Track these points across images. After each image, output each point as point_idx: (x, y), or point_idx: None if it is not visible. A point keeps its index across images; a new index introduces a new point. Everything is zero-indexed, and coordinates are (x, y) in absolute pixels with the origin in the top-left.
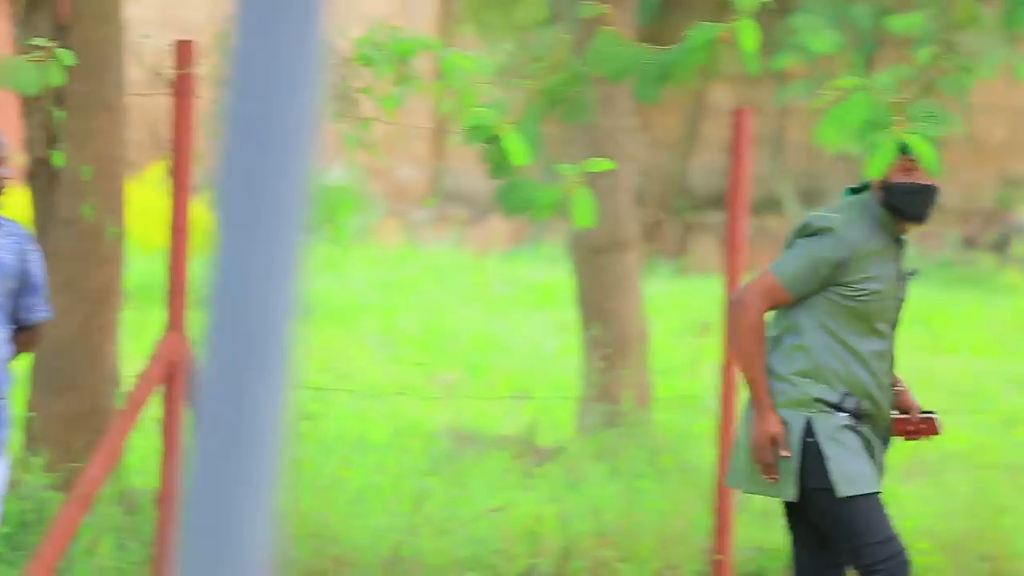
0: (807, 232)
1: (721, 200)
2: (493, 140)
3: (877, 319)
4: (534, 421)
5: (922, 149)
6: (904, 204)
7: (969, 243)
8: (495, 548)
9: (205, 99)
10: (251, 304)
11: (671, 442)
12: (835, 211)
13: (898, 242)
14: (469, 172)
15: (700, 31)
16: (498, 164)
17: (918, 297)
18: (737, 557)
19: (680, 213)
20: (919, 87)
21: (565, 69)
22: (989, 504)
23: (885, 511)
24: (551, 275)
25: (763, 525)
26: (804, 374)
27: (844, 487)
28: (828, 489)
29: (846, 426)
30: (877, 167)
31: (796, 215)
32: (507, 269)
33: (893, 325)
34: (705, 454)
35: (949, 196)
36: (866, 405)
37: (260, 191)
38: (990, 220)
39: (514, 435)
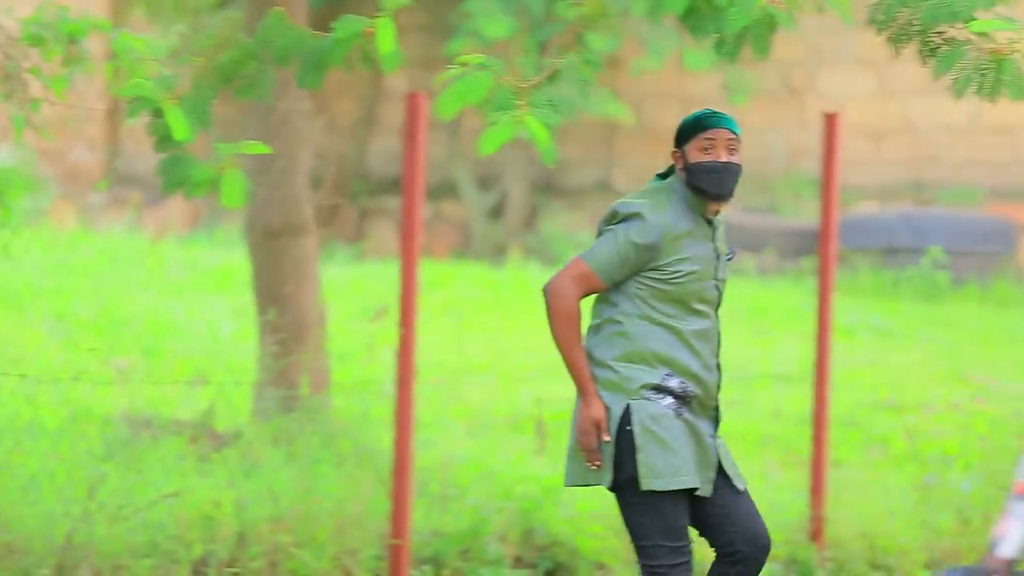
0: (615, 220)
1: (398, 184)
2: (158, 114)
3: (695, 299)
4: (211, 406)
5: (539, 133)
6: (706, 183)
7: None
8: (171, 534)
9: None
10: None
11: (349, 427)
12: (641, 197)
13: (710, 223)
14: (144, 155)
15: (345, 24)
16: (163, 138)
17: None
18: (414, 541)
19: (357, 197)
20: (545, 75)
21: (235, 47)
22: None
23: (685, 516)
24: (228, 259)
25: (440, 509)
26: (625, 359)
27: (648, 480)
28: (635, 480)
29: (668, 414)
30: (490, 144)
31: (472, 200)
32: (184, 253)
33: (715, 305)
34: (382, 438)
35: (622, 181)
36: (691, 386)
37: None
38: None
39: (191, 420)
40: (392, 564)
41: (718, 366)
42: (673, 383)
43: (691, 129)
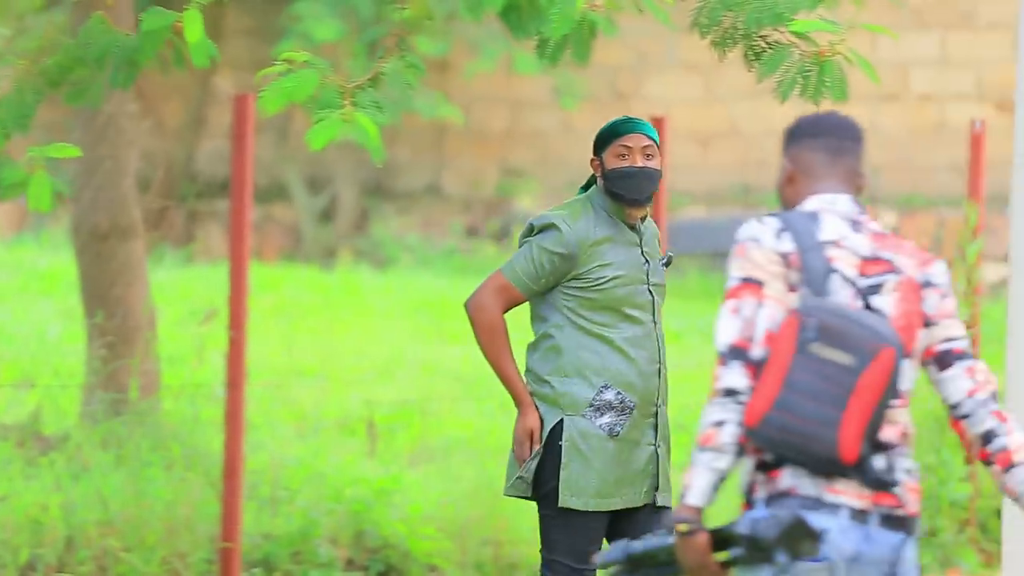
0: (531, 232)
1: (227, 187)
2: None
3: (626, 305)
4: (38, 409)
5: (369, 130)
6: (622, 188)
7: (472, 232)
8: None
9: None
10: None
11: (178, 430)
12: (558, 208)
13: (634, 228)
14: None
15: (152, 17)
16: None
17: (423, 286)
18: (245, 544)
19: (186, 200)
20: (369, 77)
21: (60, 50)
22: (492, 489)
23: (596, 540)
24: (56, 261)
25: (271, 512)
26: (559, 373)
27: (566, 497)
28: (555, 494)
29: (599, 435)
30: (319, 140)
31: (302, 202)
32: (10, 255)
33: (651, 310)
34: (213, 441)
35: (452, 184)
36: (628, 396)
37: None
38: (492, 209)
39: (17, 423)
40: (223, 567)
41: (657, 371)
42: (609, 395)
43: (608, 136)
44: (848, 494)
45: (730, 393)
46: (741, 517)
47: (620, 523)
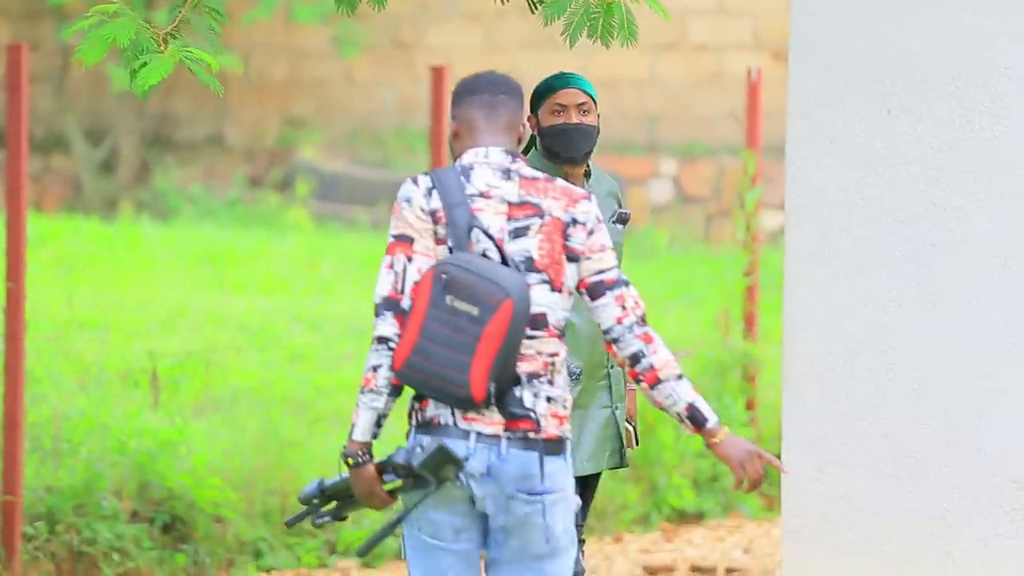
0: None
1: (3, 138)
2: None
3: None
4: None
5: (208, 60)
6: (556, 146)
7: (255, 182)
8: None
9: None
10: None
11: None
12: None
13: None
14: None
15: None
16: None
17: (205, 238)
18: (27, 497)
19: None
20: (175, 25)
21: None
22: (277, 439)
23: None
24: None
25: (54, 465)
26: None
27: None
28: None
29: None
30: (149, 80)
31: (82, 153)
32: None
33: None
34: None
35: (234, 135)
36: (571, 361)
37: None
38: (274, 159)
39: None
40: (4, 521)
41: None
42: None
43: (542, 92)
44: (481, 422)
45: (383, 341)
46: (398, 449)
47: (589, 485)
